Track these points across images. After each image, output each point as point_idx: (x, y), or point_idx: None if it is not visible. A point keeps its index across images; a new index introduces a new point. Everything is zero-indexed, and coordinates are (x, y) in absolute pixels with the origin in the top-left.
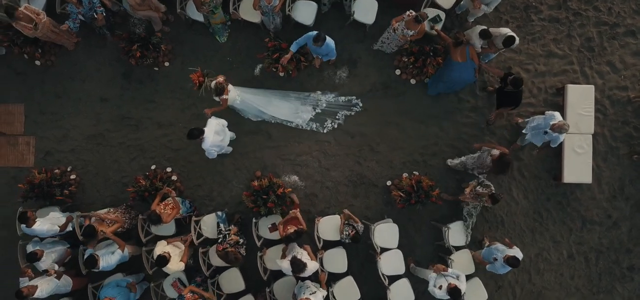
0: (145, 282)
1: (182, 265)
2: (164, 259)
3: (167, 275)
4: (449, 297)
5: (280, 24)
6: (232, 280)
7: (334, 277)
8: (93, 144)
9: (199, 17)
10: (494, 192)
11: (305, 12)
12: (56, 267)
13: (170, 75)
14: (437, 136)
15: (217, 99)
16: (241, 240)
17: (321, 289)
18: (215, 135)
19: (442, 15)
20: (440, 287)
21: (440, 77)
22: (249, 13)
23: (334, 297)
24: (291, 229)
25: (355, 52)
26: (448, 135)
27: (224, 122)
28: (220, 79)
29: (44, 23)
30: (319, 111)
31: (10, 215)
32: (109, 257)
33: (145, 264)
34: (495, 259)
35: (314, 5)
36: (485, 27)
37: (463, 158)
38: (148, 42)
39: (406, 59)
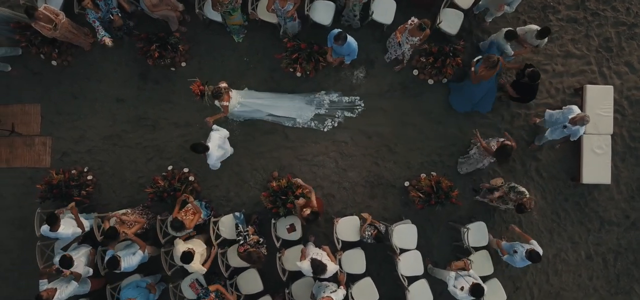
0: (162, 282)
1: (204, 268)
2: (189, 255)
3: (185, 276)
4: (472, 298)
5: (297, 27)
6: (251, 280)
7: (352, 278)
8: (109, 145)
9: (216, 16)
10: (523, 201)
11: (323, 12)
12: (90, 271)
13: (187, 75)
14: (455, 137)
15: (217, 104)
16: (261, 240)
17: (341, 288)
18: (219, 149)
19: (447, 17)
20: (461, 288)
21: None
22: (266, 13)
23: (352, 298)
24: (307, 211)
25: (372, 52)
26: (466, 136)
27: (226, 133)
28: (223, 84)
29: (63, 24)
30: (322, 112)
31: (26, 216)
32: (130, 258)
33: (164, 265)
34: (516, 251)
35: (332, 5)
36: (511, 28)
37: (470, 155)
38: (166, 42)
39: (424, 59)
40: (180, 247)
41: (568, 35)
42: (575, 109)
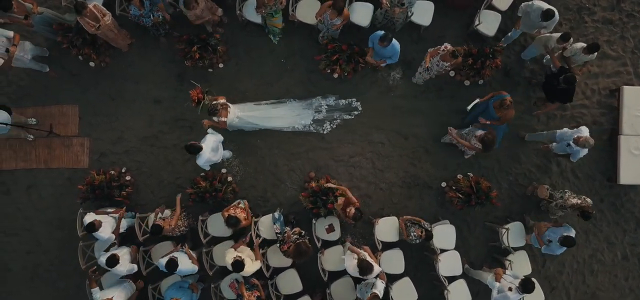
0: (200, 282)
1: (258, 264)
2: (240, 264)
3: (224, 276)
4: (523, 294)
5: (338, 32)
6: (290, 281)
7: (390, 278)
8: (147, 146)
9: (255, 18)
10: (586, 207)
11: (361, 14)
12: (134, 267)
13: (225, 76)
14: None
15: (215, 119)
16: (303, 232)
17: (379, 280)
18: (211, 152)
19: (485, 18)
20: (510, 289)
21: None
22: (305, 15)
23: (392, 298)
24: (352, 210)
25: (409, 54)
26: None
27: (220, 138)
28: (221, 100)
29: (108, 24)
30: (320, 117)
31: (65, 217)
32: (187, 262)
33: (205, 265)
34: (550, 241)
35: (371, 6)
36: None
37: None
38: (207, 43)
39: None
40: (229, 256)
41: (604, 36)
42: (584, 131)
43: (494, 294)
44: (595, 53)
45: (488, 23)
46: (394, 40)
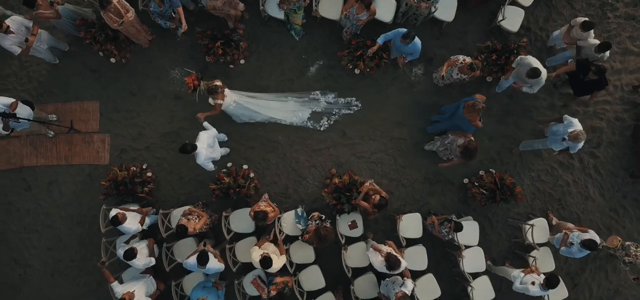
0: (222, 280)
1: (284, 259)
2: (268, 261)
3: (247, 272)
4: (546, 289)
5: (359, 30)
6: (313, 277)
7: (413, 275)
8: (168, 142)
9: (277, 13)
10: None
11: (384, 9)
12: (152, 260)
13: (246, 72)
14: (513, 134)
15: (211, 102)
16: (323, 216)
17: (408, 279)
18: (208, 148)
19: (509, 14)
20: (532, 283)
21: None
22: (328, 10)
23: (415, 295)
24: (377, 197)
25: (430, 50)
26: (524, 133)
27: (214, 132)
28: (218, 82)
29: (131, 20)
30: (318, 110)
31: (85, 213)
32: (214, 260)
33: (229, 261)
34: (572, 244)
35: (393, 2)
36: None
37: (437, 143)
38: (230, 39)
39: (482, 57)
40: (255, 254)
41: (626, 32)
42: (576, 123)
43: (516, 284)
44: (608, 51)
45: (511, 19)
46: (416, 38)
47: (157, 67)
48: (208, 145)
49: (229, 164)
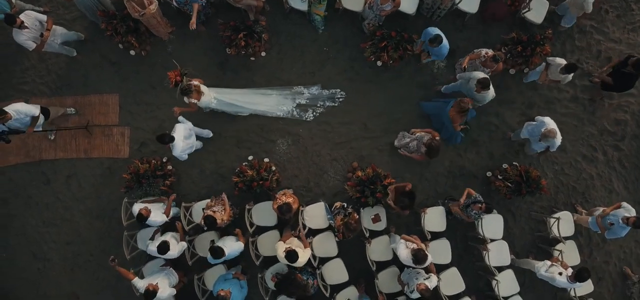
0: (243, 273)
1: (308, 252)
2: (294, 254)
3: (269, 266)
4: (574, 282)
5: (382, 21)
6: (336, 271)
7: (437, 268)
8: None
9: (299, 5)
10: None
11: (407, 1)
12: (185, 245)
13: (266, 65)
14: None
15: (186, 101)
16: (345, 204)
17: (433, 275)
18: (185, 140)
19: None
20: (560, 274)
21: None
22: (350, 1)
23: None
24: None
25: (453, 42)
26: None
27: (190, 125)
28: (195, 82)
29: (152, 12)
30: (302, 102)
31: (104, 207)
32: (232, 244)
33: (251, 255)
34: (612, 224)
35: None
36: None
37: (407, 140)
38: (253, 30)
39: (505, 49)
40: (280, 250)
41: None
42: (548, 121)
43: (541, 271)
44: (571, 75)
45: (536, 10)
46: (444, 41)
47: (177, 60)
48: (184, 137)
49: (250, 157)
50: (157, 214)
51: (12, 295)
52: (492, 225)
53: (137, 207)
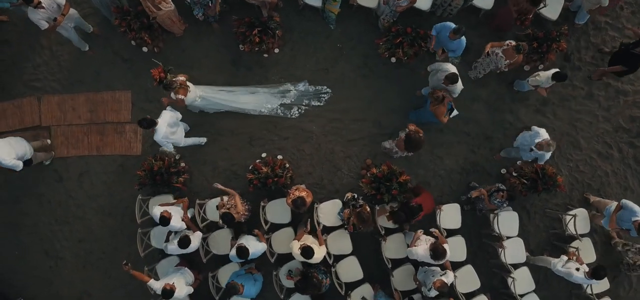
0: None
1: (324, 249)
2: (310, 250)
3: (283, 264)
4: (593, 278)
5: (397, 17)
6: (351, 268)
7: (452, 266)
8: (201, 132)
9: (313, 1)
10: None
11: None
12: (200, 234)
13: (280, 61)
14: (551, 124)
15: (173, 96)
16: (355, 195)
17: (449, 271)
18: (168, 127)
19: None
20: (577, 269)
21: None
22: None
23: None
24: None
25: (468, 39)
26: (562, 123)
27: (178, 115)
28: (181, 78)
29: (170, 11)
30: (288, 101)
31: (116, 204)
32: (256, 244)
33: (267, 253)
34: (628, 230)
35: None
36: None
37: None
38: (267, 27)
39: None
40: (295, 247)
41: None
42: (543, 133)
43: (558, 267)
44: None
45: (552, 6)
46: (464, 36)
47: (190, 57)
48: (169, 125)
49: (264, 155)
50: (177, 219)
51: (25, 293)
52: (507, 222)
53: (158, 211)
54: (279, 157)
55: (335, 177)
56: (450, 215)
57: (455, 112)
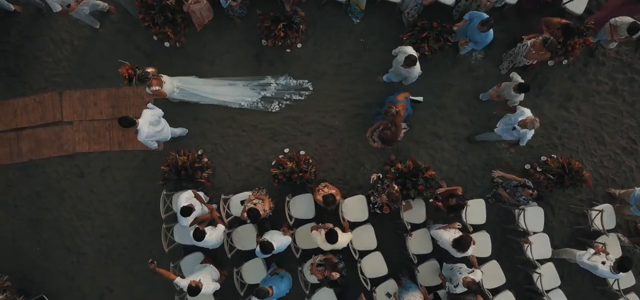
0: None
1: (349, 235)
2: (334, 234)
3: (306, 260)
4: (619, 271)
5: (421, 11)
6: (375, 264)
7: (477, 262)
8: (223, 127)
9: None
10: None
11: None
12: (222, 227)
13: (302, 56)
14: (575, 119)
15: (148, 91)
16: (381, 175)
17: (476, 269)
18: (150, 126)
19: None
20: (603, 263)
21: None
22: None
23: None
24: (454, 201)
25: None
26: (586, 118)
27: (159, 112)
28: (150, 69)
29: (205, 5)
30: (268, 95)
31: (138, 200)
32: (281, 238)
33: (293, 249)
34: None
35: None
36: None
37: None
38: (292, 21)
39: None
40: (319, 235)
41: None
42: (527, 112)
43: (583, 259)
44: (522, 95)
45: (578, 0)
46: (491, 29)
47: (212, 52)
48: (150, 123)
49: (286, 150)
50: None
51: (46, 289)
52: (533, 217)
53: (183, 199)
54: (302, 152)
55: (358, 172)
56: (475, 211)
57: (419, 98)
